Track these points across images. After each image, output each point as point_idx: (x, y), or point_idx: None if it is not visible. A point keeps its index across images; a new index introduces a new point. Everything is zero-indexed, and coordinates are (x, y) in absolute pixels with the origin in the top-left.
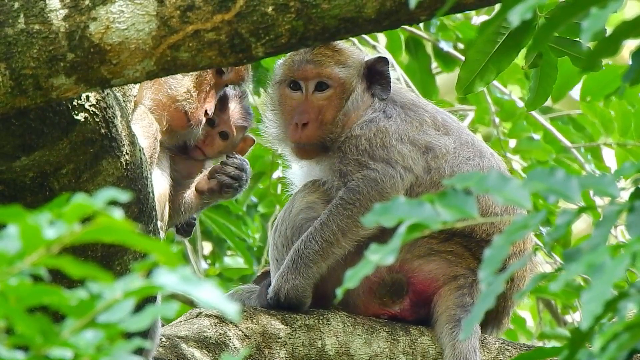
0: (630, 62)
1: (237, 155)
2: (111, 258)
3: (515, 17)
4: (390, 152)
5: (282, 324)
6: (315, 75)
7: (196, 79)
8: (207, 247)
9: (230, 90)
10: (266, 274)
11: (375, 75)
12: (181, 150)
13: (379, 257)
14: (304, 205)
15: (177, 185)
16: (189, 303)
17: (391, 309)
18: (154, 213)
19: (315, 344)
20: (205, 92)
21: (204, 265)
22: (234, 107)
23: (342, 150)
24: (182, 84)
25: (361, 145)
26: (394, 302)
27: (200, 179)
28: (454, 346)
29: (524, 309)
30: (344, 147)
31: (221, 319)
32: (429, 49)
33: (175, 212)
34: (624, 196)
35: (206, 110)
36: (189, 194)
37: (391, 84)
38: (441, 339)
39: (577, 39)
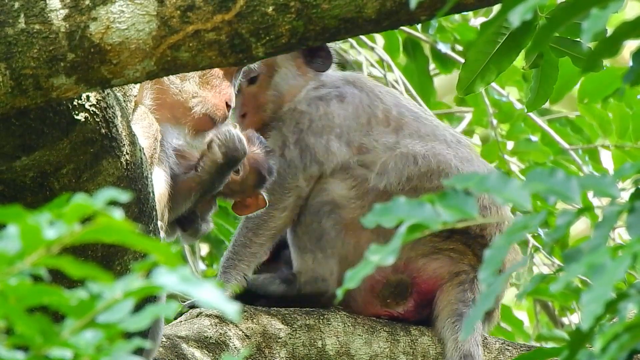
0: (630, 63)
1: (234, 129)
2: (111, 258)
3: (515, 18)
4: (318, 143)
5: (283, 324)
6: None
7: (200, 78)
8: (204, 248)
9: (260, 140)
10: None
11: (317, 49)
12: None
13: (379, 257)
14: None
15: (176, 180)
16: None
17: (394, 310)
18: (154, 213)
19: (315, 344)
20: (217, 86)
21: (201, 266)
22: (256, 150)
23: (283, 120)
24: (185, 89)
25: (301, 124)
26: (397, 304)
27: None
28: (457, 340)
29: (522, 310)
30: (285, 117)
31: (221, 319)
32: (426, 50)
33: (176, 202)
34: (624, 197)
35: (227, 103)
36: (187, 176)
37: (333, 56)
38: (443, 333)
39: (578, 40)
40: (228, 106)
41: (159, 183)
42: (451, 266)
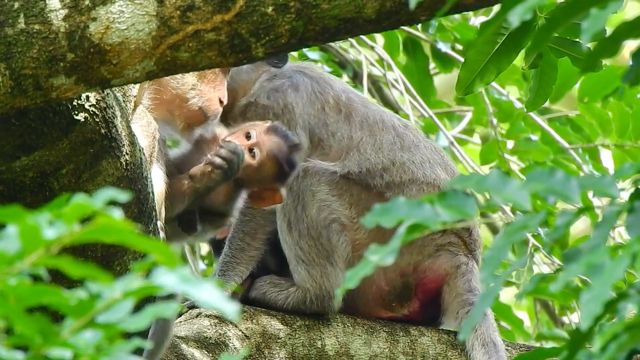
0: (630, 63)
1: (233, 141)
2: (111, 258)
3: (515, 18)
4: None
5: (282, 324)
6: None
7: (198, 72)
8: (204, 248)
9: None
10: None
11: None
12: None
13: (378, 257)
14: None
15: (173, 178)
16: None
17: (399, 312)
18: (154, 213)
19: (315, 344)
20: (212, 81)
21: (201, 265)
22: (276, 139)
23: (244, 115)
24: (185, 81)
25: (267, 119)
26: (402, 306)
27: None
28: (476, 330)
29: (522, 310)
30: (247, 112)
31: (221, 319)
32: (427, 50)
33: (170, 203)
34: (624, 197)
35: (220, 99)
36: (181, 181)
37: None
38: (458, 325)
39: (577, 40)
40: (221, 102)
41: (158, 181)
42: (452, 260)
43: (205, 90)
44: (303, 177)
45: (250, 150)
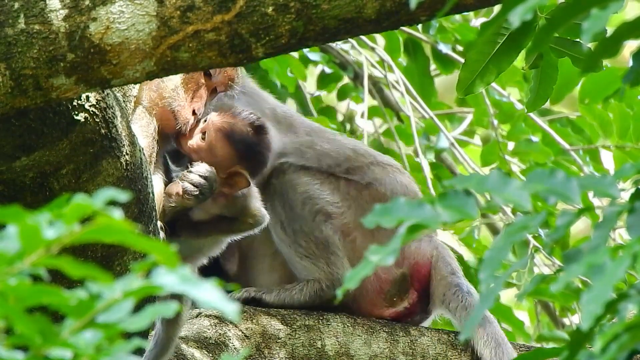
0: (630, 63)
1: (202, 164)
2: (111, 258)
3: (515, 18)
4: None
5: (282, 324)
6: None
7: (184, 76)
8: None
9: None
10: None
11: None
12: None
13: (379, 257)
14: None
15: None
16: None
17: (401, 306)
18: (154, 213)
19: (315, 344)
20: (193, 92)
21: None
22: (224, 119)
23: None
24: (171, 80)
25: None
26: (402, 299)
27: (173, 183)
28: (465, 308)
29: (522, 311)
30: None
31: (221, 319)
32: (427, 51)
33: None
34: (624, 197)
35: (194, 110)
36: (160, 195)
37: None
38: (447, 306)
39: (578, 40)
40: (194, 114)
41: (156, 182)
42: (431, 243)
43: (182, 96)
44: (282, 175)
45: (202, 133)
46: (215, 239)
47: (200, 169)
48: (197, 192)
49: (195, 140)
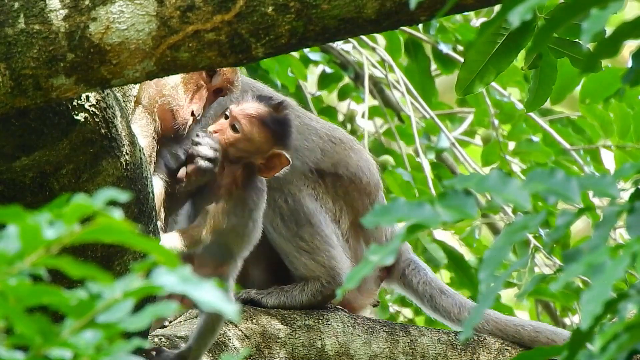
0: (630, 63)
1: (206, 135)
2: (111, 258)
3: (515, 18)
4: None
5: (282, 324)
6: None
7: (184, 76)
8: None
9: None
10: None
11: None
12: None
13: (379, 257)
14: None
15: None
16: None
17: (377, 289)
18: (154, 213)
19: (315, 344)
20: (193, 92)
21: None
22: (249, 105)
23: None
24: (171, 79)
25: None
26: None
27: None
28: (427, 282)
29: (523, 311)
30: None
31: None
32: (428, 51)
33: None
34: (624, 197)
35: (193, 111)
36: (160, 195)
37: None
38: (408, 283)
39: (577, 40)
40: (193, 115)
41: (156, 182)
42: None
43: (182, 96)
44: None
45: (233, 126)
46: (236, 233)
47: (208, 142)
48: (212, 166)
49: (227, 136)
